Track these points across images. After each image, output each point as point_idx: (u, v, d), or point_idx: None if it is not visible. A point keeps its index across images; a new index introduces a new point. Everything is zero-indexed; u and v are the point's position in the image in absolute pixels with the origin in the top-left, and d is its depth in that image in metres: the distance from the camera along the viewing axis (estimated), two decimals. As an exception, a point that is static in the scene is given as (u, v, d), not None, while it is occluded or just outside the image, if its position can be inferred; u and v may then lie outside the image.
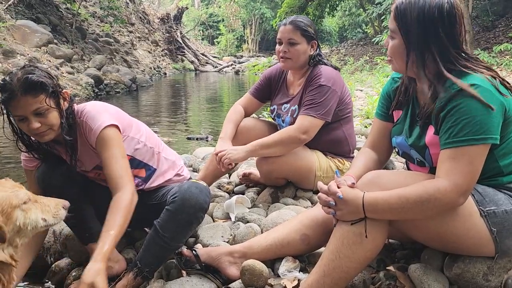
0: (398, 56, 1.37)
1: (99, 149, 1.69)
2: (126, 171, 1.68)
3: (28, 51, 9.99)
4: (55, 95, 1.63)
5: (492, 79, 1.26)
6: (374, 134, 1.65)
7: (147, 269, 1.65)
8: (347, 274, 1.33)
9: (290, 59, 2.26)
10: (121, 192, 1.62)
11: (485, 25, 12.86)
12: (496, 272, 1.37)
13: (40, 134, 1.64)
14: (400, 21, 1.32)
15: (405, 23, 1.31)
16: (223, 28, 34.04)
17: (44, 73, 1.63)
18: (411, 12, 1.29)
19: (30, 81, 1.55)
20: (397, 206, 1.26)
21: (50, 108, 1.61)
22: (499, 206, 1.30)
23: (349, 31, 27.02)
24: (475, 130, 1.22)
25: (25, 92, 1.55)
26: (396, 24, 1.33)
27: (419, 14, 1.28)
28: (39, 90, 1.57)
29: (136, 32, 20.41)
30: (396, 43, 1.35)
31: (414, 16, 1.29)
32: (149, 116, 7.81)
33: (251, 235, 1.83)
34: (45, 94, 1.59)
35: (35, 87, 1.56)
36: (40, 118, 1.60)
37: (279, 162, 2.19)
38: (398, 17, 1.32)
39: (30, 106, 1.56)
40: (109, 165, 1.66)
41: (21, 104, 1.56)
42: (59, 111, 1.65)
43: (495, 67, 8.36)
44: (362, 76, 11.03)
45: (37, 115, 1.59)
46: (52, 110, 1.62)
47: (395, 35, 1.35)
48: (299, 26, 2.23)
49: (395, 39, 1.35)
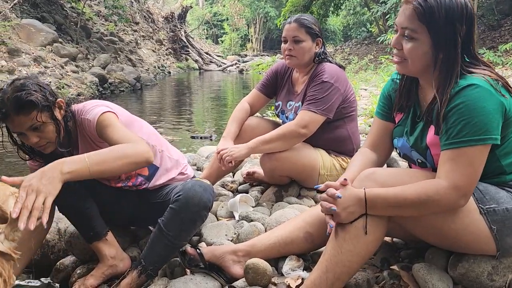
0: (418, 57, 1.30)
1: (100, 132, 1.65)
2: (134, 135, 1.61)
3: (33, 50, 10.04)
4: (47, 109, 1.62)
5: (491, 80, 1.25)
6: (374, 133, 1.63)
7: (151, 267, 1.65)
8: (349, 268, 1.33)
9: (295, 57, 2.26)
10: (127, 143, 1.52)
11: (491, 24, 12.79)
12: (501, 271, 1.36)
13: (41, 148, 1.67)
14: (427, 21, 1.24)
15: (434, 23, 1.24)
16: (227, 27, 34.07)
17: (34, 86, 1.60)
18: (439, 11, 1.24)
19: (20, 101, 1.54)
20: (395, 205, 1.26)
21: (45, 123, 1.61)
22: (500, 204, 1.30)
23: (354, 30, 26.96)
24: (475, 130, 1.21)
25: (17, 112, 1.55)
26: (420, 24, 1.26)
27: (447, 13, 1.24)
28: (30, 108, 1.56)
29: (141, 31, 20.46)
30: (418, 43, 1.28)
31: (443, 15, 1.24)
32: (154, 115, 7.83)
33: (255, 234, 1.83)
34: (37, 110, 1.58)
35: (26, 106, 1.55)
36: (37, 133, 1.62)
37: (283, 160, 2.19)
38: (424, 16, 1.24)
39: (25, 124, 1.58)
40: (114, 135, 1.59)
41: (15, 123, 1.58)
42: (54, 124, 1.64)
43: (500, 67, 8.33)
44: (367, 75, 11.01)
45: (34, 130, 1.61)
46: (47, 124, 1.62)
47: (417, 35, 1.28)
48: (303, 24, 2.24)
49: (417, 39, 1.28)
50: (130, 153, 1.47)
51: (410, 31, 1.29)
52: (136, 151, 1.49)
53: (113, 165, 1.43)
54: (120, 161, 1.44)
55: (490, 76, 1.26)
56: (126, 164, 1.46)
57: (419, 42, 1.29)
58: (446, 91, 1.27)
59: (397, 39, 1.34)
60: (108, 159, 1.41)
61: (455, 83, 1.26)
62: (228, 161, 2.13)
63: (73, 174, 1.32)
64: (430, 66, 1.33)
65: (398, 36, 1.33)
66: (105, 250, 1.79)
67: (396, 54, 1.37)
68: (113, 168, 1.43)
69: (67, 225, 2.07)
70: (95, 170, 1.37)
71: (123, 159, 1.45)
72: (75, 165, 1.34)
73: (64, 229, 2.07)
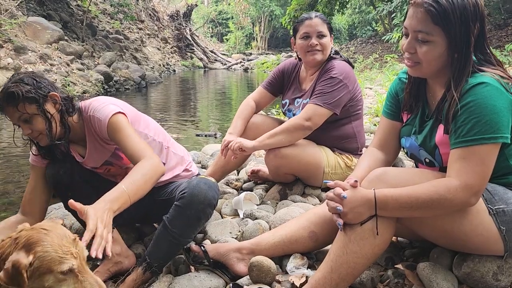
0: (434, 59, 1.28)
1: (112, 135, 1.69)
2: (146, 145, 1.68)
3: (39, 47, 10.09)
4: (34, 101, 1.64)
5: (501, 78, 1.24)
6: (382, 133, 1.62)
7: (156, 264, 1.66)
8: (354, 270, 1.32)
9: (321, 52, 2.26)
10: (145, 159, 1.60)
11: (497, 23, 12.70)
12: (506, 271, 1.36)
13: (36, 139, 1.71)
14: (442, 22, 1.22)
15: (449, 24, 1.22)
16: (232, 26, 34.03)
17: (28, 80, 1.65)
18: (453, 12, 1.22)
19: (7, 93, 1.61)
20: (406, 205, 1.25)
21: (32, 115, 1.64)
22: (508, 205, 1.29)
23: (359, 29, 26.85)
24: (485, 129, 1.21)
25: (7, 103, 1.62)
26: (435, 26, 1.24)
27: (461, 13, 1.22)
28: (16, 100, 1.61)
29: (146, 29, 20.50)
30: (434, 46, 1.26)
31: (457, 16, 1.22)
32: (158, 112, 7.85)
33: (259, 232, 1.83)
34: (24, 102, 1.62)
35: (12, 97, 1.61)
36: (28, 125, 1.66)
37: (287, 157, 2.19)
38: (439, 18, 1.22)
39: (14, 115, 1.64)
40: (127, 143, 1.66)
41: (9, 114, 1.65)
42: (43, 116, 1.66)
43: (507, 66, 8.27)
44: (372, 74, 10.96)
45: (25, 122, 1.65)
46: (36, 116, 1.65)
47: (432, 38, 1.25)
48: (325, 19, 2.28)
49: (432, 42, 1.26)
50: (153, 174, 1.58)
51: (424, 34, 1.27)
52: (156, 170, 1.60)
53: (145, 189, 1.54)
54: (149, 183, 1.56)
55: (501, 76, 1.25)
56: (151, 184, 1.57)
57: (435, 44, 1.27)
58: (457, 90, 1.26)
59: (409, 43, 1.31)
60: (141, 185, 1.52)
61: (465, 82, 1.26)
62: (236, 148, 2.13)
63: (120, 209, 1.42)
64: (444, 67, 1.32)
65: (411, 40, 1.30)
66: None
67: (409, 58, 1.34)
68: (145, 191, 1.54)
69: (72, 222, 2.08)
70: (133, 199, 1.48)
71: (150, 180, 1.56)
72: (121, 201, 1.42)
73: (70, 226, 2.08)
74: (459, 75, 1.28)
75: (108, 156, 1.83)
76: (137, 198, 1.49)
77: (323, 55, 2.27)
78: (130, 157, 1.65)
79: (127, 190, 1.45)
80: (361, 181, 1.37)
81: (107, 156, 1.83)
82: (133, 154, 1.64)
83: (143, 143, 1.68)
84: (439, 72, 1.34)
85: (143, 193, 1.52)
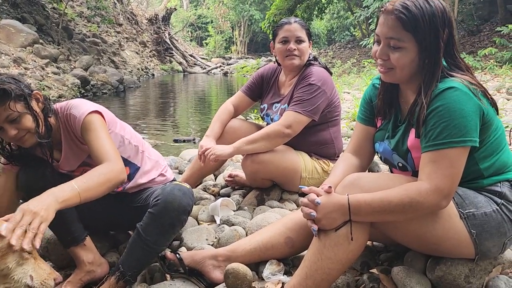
0: (406, 65, 1.31)
1: (84, 134, 1.66)
2: (114, 151, 1.64)
3: (13, 51, 9.85)
4: (22, 99, 1.60)
5: (469, 84, 1.27)
6: (356, 138, 1.64)
7: (129, 273, 1.62)
8: (329, 275, 1.32)
9: (298, 57, 2.28)
10: (107, 163, 1.58)
11: (471, 30, 13.06)
12: (477, 274, 1.39)
13: (21, 140, 1.64)
14: (412, 29, 1.25)
15: (419, 30, 1.25)
16: (211, 30, 34.02)
17: (8, 79, 1.60)
18: (423, 18, 1.24)
19: None
20: (379, 209, 1.26)
21: (21, 113, 1.59)
22: (478, 209, 1.32)
23: (337, 34, 27.23)
24: (454, 132, 1.23)
25: None
26: (406, 33, 1.26)
27: (430, 19, 1.25)
28: (4, 97, 1.55)
29: (124, 32, 20.28)
30: (405, 52, 1.28)
31: (427, 22, 1.24)
32: (137, 117, 7.76)
33: (235, 238, 1.82)
34: (12, 99, 1.56)
35: (5, 95, 1.54)
36: (15, 125, 1.59)
37: (265, 163, 2.19)
38: (409, 24, 1.25)
39: (2, 114, 1.56)
40: (96, 144, 1.63)
41: None
42: (31, 114, 1.62)
43: (480, 71, 8.50)
44: (350, 79, 11.10)
45: (11, 122, 1.59)
46: (24, 114, 1.60)
47: (404, 44, 1.27)
48: (304, 25, 2.30)
49: (404, 48, 1.28)
50: (111, 177, 1.54)
51: (396, 41, 1.29)
52: (116, 175, 1.56)
53: (98, 190, 1.49)
54: (105, 186, 1.52)
55: (470, 82, 1.28)
56: (107, 187, 1.53)
57: (406, 50, 1.29)
58: (428, 94, 1.29)
59: (382, 50, 1.33)
60: (94, 186, 1.48)
61: (435, 87, 1.28)
62: (212, 159, 2.12)
63: (67, 202, 1.38)
64: (416, 72, 1.34)
65: (383, 46, 1.32)
66: (83, 256, 1.75)
67: (382, 65, 1.36)
68: (98, 193, 1.50)
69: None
70: (84, 197, 1.43)
71: (106, 183, 1.52)
72: (68, 193, 1.38)
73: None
74: (429, 80, 1.30)
75: (84, 157, 1.79)
76: (89, 197, 1.45)
77: (301, 60, 2.29)
78: (95, 158, 1.62)
79: (76, 186, 1.42)
80: (335, 187, 1.37)
81: (83, 158, 1.79)
82: (98, 156, 1.60)
83: (113, 148, 1.65)
84: (411, 77, 1.36)
85: (95, 194, 1.48)
